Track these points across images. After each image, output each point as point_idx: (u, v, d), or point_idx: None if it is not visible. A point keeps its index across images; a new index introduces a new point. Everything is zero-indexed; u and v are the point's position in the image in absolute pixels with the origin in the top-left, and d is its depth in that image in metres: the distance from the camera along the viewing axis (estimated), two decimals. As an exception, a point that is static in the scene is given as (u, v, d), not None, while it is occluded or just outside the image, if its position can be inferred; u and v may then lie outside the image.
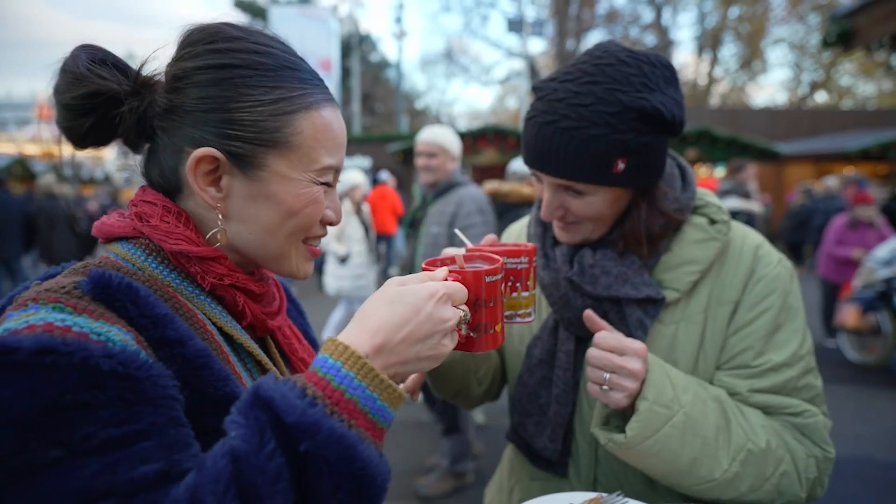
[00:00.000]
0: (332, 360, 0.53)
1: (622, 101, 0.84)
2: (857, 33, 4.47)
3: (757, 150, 14.56)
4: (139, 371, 0.50)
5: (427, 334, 0.57)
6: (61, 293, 0.53)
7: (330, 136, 0.68)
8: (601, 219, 0.93)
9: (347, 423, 0.50)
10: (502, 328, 0.71)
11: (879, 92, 29.96)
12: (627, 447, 0.82)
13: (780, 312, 0.92)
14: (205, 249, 0.65)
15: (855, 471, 3.32)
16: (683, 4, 30.81)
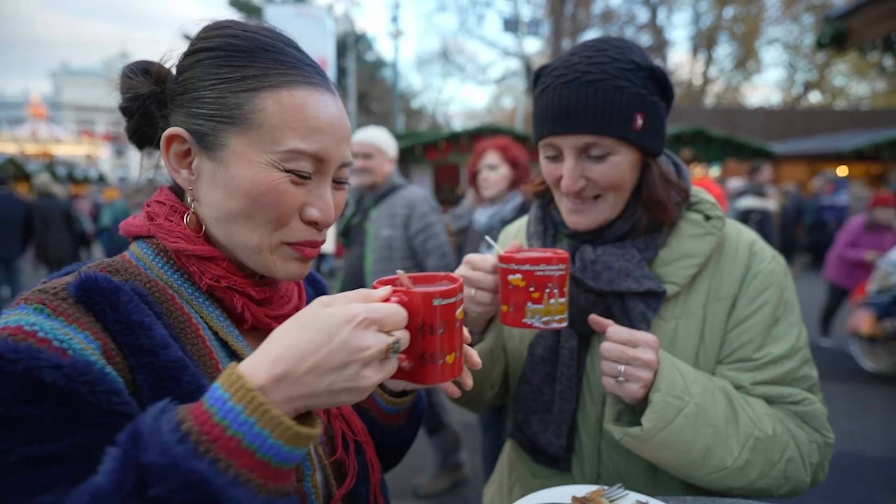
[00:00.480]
0: (221, 390, 0.48)
1: (634, 60, 0.89)
2: (850, 35, 4.50)
3: (752, 149, 14.62)
4: (83, 386, 0.50)
5: (341, 364, 0.49)
6: (48, 294, 0.55)
7: (301, 117, 0.62)
8: (621, 187, 0.93)
9: (224, 463, 0.45)
10: (458, 359, 0.62)
11: (873, 92, 30.18)
12: (644, 439, 0.83)
13: (778, 306, 0.94)
14: (201, 248, 0.65)
15: (847, 466, 3.35)
16: (678, 5, 31.00)
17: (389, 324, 0.54)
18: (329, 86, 0.68)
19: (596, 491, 0.79)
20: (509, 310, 0.87)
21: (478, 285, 0.91)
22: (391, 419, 0.82)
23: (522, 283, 0.84)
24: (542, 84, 0.93)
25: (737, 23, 30.21)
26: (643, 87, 0.88)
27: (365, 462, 0.77)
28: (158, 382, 0.56)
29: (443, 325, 0.59)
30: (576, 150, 0.90)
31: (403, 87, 34.59)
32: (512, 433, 1.13)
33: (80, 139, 25.95)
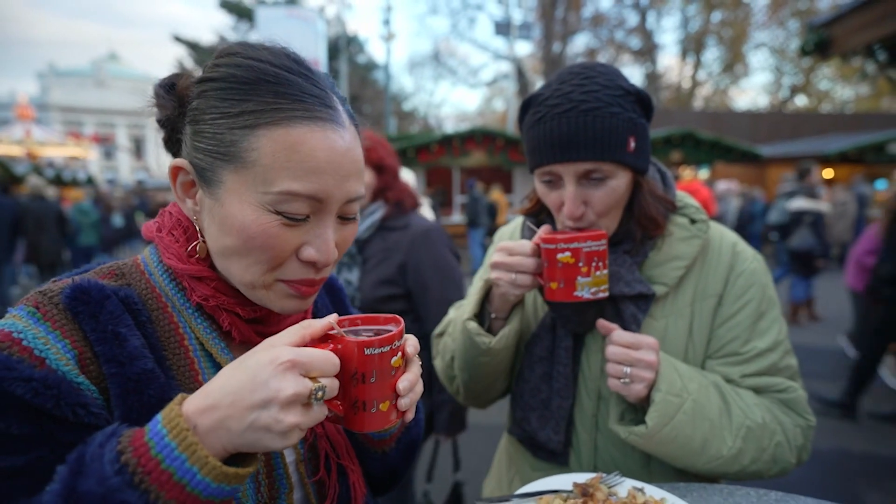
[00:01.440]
0: (160, 425, 0.51)
1: (622, 86, 0.94)
2: (833, 42, 4.62)
3: (739, 152, 14.84)
4: (49, 399, 0.52)
5: (260, 402, 0.50)
6: (44, 297, 0.59)
7: (296, 157, 0.59)
8: (616, 208, 0.98)
9: (154, 494, 0.48)
10: (392, 407, 0.60)
11: (857, 96, 30.70)
12: (649, 436, 0.90)
13: (761, 303, 1.01)
14: (191, 268, 0.67)
15: (834, 461, 3.44)
16: (667, 9, 31.33)
17: (317, 370, 0.53)
18: (337, 117, 0.64)
19: (595, 478, 0.84)
20: (559, 286, 0.93)
21: (519, 269, 0.96)
22: (376, 444, 0.80)
23: (572, 259, 0.91)
24: (535, 113, 0.96)
25: (724, 27, 30.61)
26: (633, 112, 0.94)
27: (348, 486, 0.76)
28: (123, 393, 0.58)
29: (376, 373, 0.58)
30: (576, 177, 0.94)
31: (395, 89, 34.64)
32: (510, 429, 1.18)
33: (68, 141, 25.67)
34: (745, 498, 0.87)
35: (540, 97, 0.96)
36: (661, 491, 0.84)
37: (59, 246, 7.60)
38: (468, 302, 1.12)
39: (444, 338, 1.23)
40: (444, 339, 1.22)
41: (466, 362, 1.09)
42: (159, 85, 0.69)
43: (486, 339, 1.02)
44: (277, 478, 0.68)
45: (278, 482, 0.68)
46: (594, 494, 0.79)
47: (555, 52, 29.55)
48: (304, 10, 20.93)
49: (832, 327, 6.42)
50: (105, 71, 54.14)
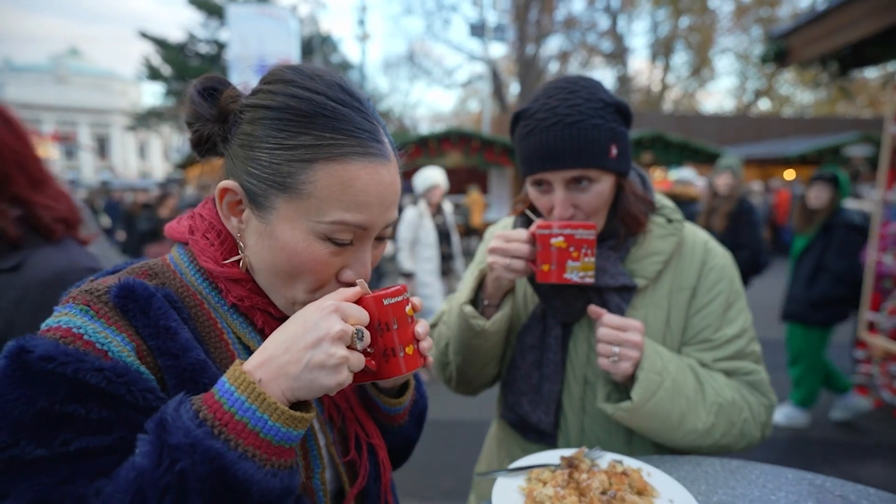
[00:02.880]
0: (228, 384, 0.57)
1: (603, 98, 1.04)
2: (790, 52, 4.89)
3: (707, 154, 15.34)
4: (122, 387, 0.57)
5: (314, 342, 0.58)
6: (93, 296, 0.62)
7: (350, 192, 0.65)
8: (602, 209, 1.09)
9: (234, 442, 0.54)
10: (416, 351, 0.70)
11: (816, 101, 32.01)
12: (634, 411, 0.99)
13: (730, 295, 1.12)
14: (227, 271, 0.71)
15: (792, 448, 3.66)
16: (637, 13, 32.03)
17: (353, 317, 0.62)
18: (385, 151, 0.69)
19: (579, 451, 0.93)
20: (551, 268, 1.02)
21: (514, 254, 1.04)
22: (392, 419, 0.88)
23: (564, 244, 1.00)
24: (525, 126, 1.05)
25: (692, 32, 31.49)
26: (613, 121, 1.04)
27: (377, 463, 0.83)
28: (180, 383, 0.62)
29: (396, 320, 0.67)
30: (564, 183, 1.04)
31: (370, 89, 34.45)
32: (503, 414, 1.26)
33: (28, 139, 24.69)
34: (710, 466, 0.98)
35: (529, 111, 1.06)
36: (637, 461, 0.94)
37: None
38: (463, 289, 1.20)
39: (439, 326, 1.31)
40: (439, 327, 1.30)
41: (461, 345, 1.17)
42: (197, 90, 0.71)
43: (481, 321, 1.11)
44: (311, 459, 0.74)
45: (312, 462, 0.73)
46: (579, 466, 0.88)
47: (528, 53, 29.91)
48: (276, 9, 20.65)
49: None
50: (65, 67, 52.13)
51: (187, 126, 0.73)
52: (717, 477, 0.94)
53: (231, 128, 0.70)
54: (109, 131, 51.98)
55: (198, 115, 0.71)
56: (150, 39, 27.72)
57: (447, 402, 1.26)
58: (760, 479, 0.93)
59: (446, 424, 4.00)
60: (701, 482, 0.92)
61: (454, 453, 3.61)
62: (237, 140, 0.68)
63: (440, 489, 3.20)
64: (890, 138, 3.57)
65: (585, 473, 0.85)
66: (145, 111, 33.06)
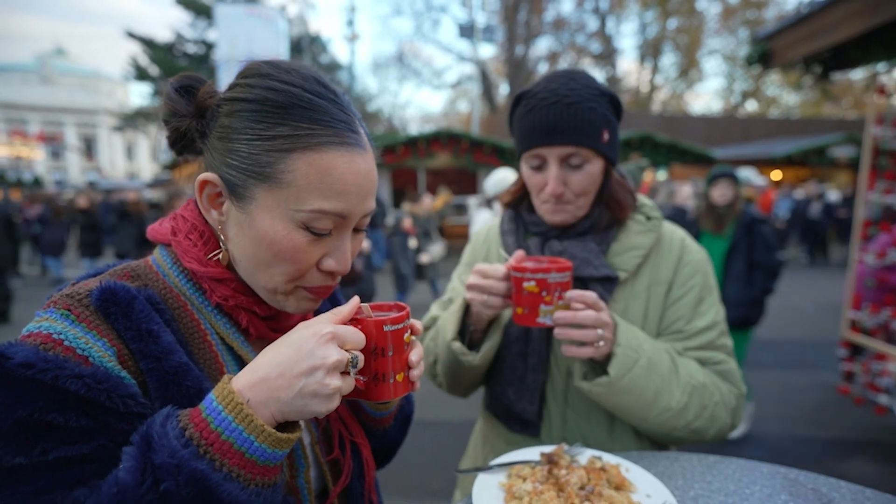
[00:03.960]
0: (216, 402, 0.57)
1: (599, 87, 1.09)
2: (774, 54, 4.97)
3: (694, 155, 15.51)
4: (102, 393, 0.56)
5: (308, 370, 0.57)
6: (73, 300, 0.61)
7: (328, 180, 0.65)
8: (590, 192, 1.13)
9: (219, 462, 0.54)
10: (406, 378, 0.70)
11: (802, 102, 32.48)
12: (610, 385, 1.00)
13: (702, 290, 1.16)
14: (211, 270, 0.71)
15: (776, 446, 3.70)
16: (626, 14, 32.29)
17: (349, 342, 0.62)
18: (361, 140, 0.70)
19: (558, 448, 0.94)
20: (524, 311, 0.99)
21: (490, 292, 1.04)
22: (377, 422, 0.88)
23: (536, 288, 0.97)
24: (526, 105, 1.10)
25: (680, 34, 31.84)
26: (607, 110, 1.09)
27: (361, 461, 0.83)
28: (162, 386, 0.62)
29: (393, 347, 0.67)
30: (559, 159, 1.08)
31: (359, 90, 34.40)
32: (488, 405, 1.28)
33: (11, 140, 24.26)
34: (688, 461, 1.00)
35: (531, 92, 1.11)
36: (616, 458, 0.95)
37: (6, 251, 7.27)
38: (450, 319, 1.16)
39: (427, 342, 1.30)
40: (427, 343, 1.30)
41: (450, 372, 1.18)
42: (174, 88, 0.72)
43: (470, 357, 1.11)
44: (296, 458, 0.74)
45: (297, 462, 0.73)
46: (558, 462, 0.89)
47: (518, 54, 30.05)
48: (264, 9, 20.56)
49: (778, 320, 6.81)
50: (51, 66, 51.48)
51: (164, 124, 0.73)
52: (693, 472, 0.96)
53: (209, 122, 0.70)
54: (96, 132, 51.35)
55: (175, 112, 0.71)
56: (137, 39, 27.47)
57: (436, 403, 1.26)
58: (736, 473, 0.95)
59: (435, 424, 4.01)
60: (678, 477, 0.94)
61: (443, 453, 3.62)
62: (215, 133, 0.69)
63: (429, 489, 3.21)
64: (871, 140, 3.63)
65: (565, 469, 0.87)
66: (133, 112, 32.77)
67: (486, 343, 1.13)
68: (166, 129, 0.73)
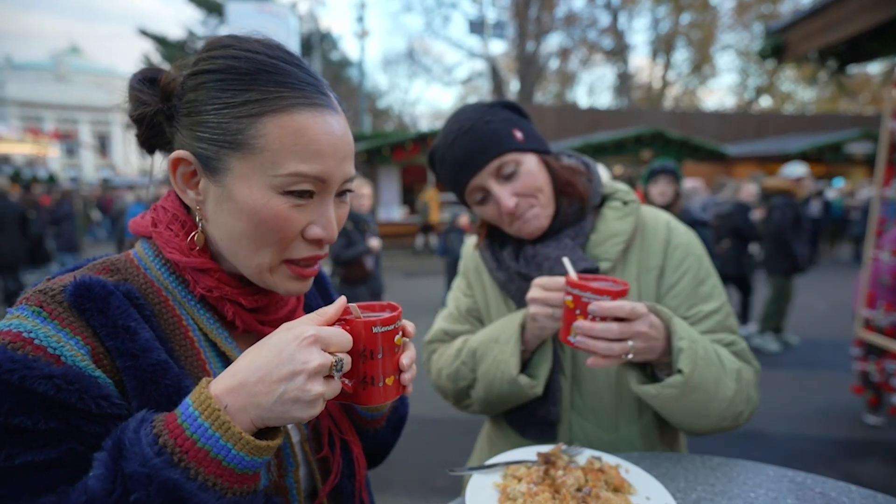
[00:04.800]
0: (192, 408, 0.54)
1: (485, 103, 1.12)
2: (788, 47, 4.86)
3: (707, 151, 15.30)
4: (73, 395, 0.54)
5: (288, 375, 0.54)
6: (46, 296, 0.59)
7: (302, 141, 0.63)
8: (542, 188, 1.09)
9: (194, 471, 0.52)
10: (396, 382, 0.67)
11: (817, 98, 31.92)
12: (685, 384, 0.91)
13: (699, 272, 1.12)
14: (195, 261, 0.68)
15: (789, 447, 3.64)
16: (638, 10, 31.95)
17: (334, 345, 0.58)
18: (331, 103, 0.69)
19: (556, 448, 0.92)
20: (562, 327, 0.95)
21: (556, 304, 0.98)
22: (368, 423, 0.86)
23: (571, 304, 0.91)
24: (439, 160, 1.12)
25: (693, 29, 31.42)
26: (504, 115, 1.10)
27: (351, 459, 0.81)
28: (140, 384, 0.60)
29: (382, 350, 0.64)
30: (494, 177, 1.07)
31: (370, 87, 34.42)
32: (506, 416, 1.21)
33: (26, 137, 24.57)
34: (690, 462, 0.97)
35: (435, 147, 1.13)
36: (616, 458, 0.92)
37: (19, 247, 7.37)
38: (506, 350, 1.07)
39: (457, 366, 1.19)
40: (458, 367, 1.18)
41: (500, 402, 1.12)
42: (137, 79, 0.70)
43: (539, 388, 1.05)
44: (284, 457, 0.72)
45: (285, 461, 0.71)
46: (555, 462, 0.87)
47: (528, 51, 29.85)
48: (275, 6, 20.64)
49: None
50: (66, 65, 52.10)
51: (132, 120, 0.71)
52: (696, 474, 0.93)
53: (175, 104, 0.68)
54: (110, 129, 51.89)
55: (140, 101, 0.69)
56: (150, 37, 27.76)
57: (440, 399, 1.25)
58: (741, 476, 0.92)
59: (440, 422, 4.00)
60: (680, 479, 0.91)
61: (448, 451, 3.60)
62: (183, 110, 0.67)
63: (433, 486, 3.20)
64: (888, 135, 3.54)
65: (561, 470, 0.84)
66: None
67: (541, 366, 1.07)
68: (135, 125, 0.71)
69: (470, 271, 1.30)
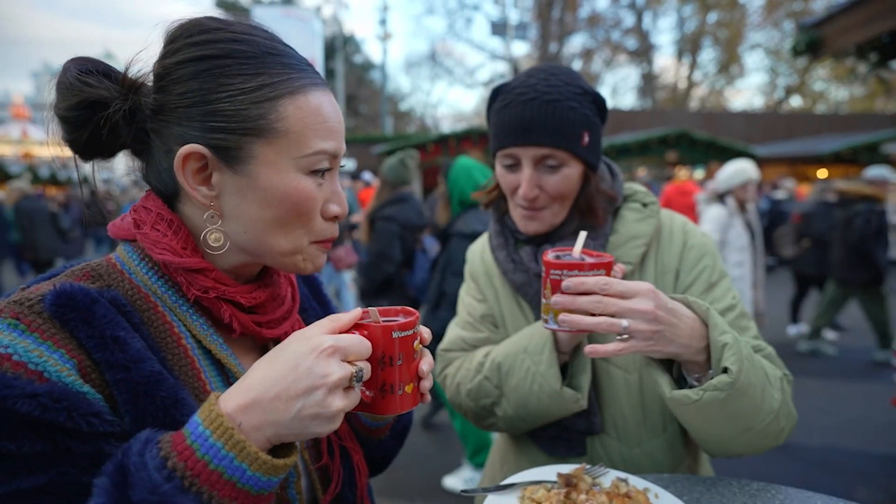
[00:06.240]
0: (202, 426, 0.50)
1: (582, 86, 1.02)
2: (824, 42, 4.66)
3: (735, 152, 14.90)
4: (60, 413, 0.50)
5: (306, 389, 0.51)
6: (23, 307, 0.54)
7: (320, 119, 0.64)
8: (567, 197, 1.04)
9: (207, 495, 0.48)
10: (415, 390, 0.63)
11: (851, 97, 30.86)
12: (733, 385, 0.78)
13: (713, 273, 1.06)
14: (189, 261, 0.64)
15: (823, 459, 3.46)
16: (664, 9, 31.43)
17: (353, 353, 0.55)
18: (326, 83, 0.70)
19: (579, 468, 0.85)
20: None
21: None
22: (372, 433, 0.83)
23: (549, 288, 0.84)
24: (502, 100, 1.03)
25: (720, 28, 30.73)
26: (589, 110, 1.01)
27: (352, 467, 0.78)
28: (133, 398, 0.56)
29: (402, 356, 0.61)
30: (534, 161, 1.00)
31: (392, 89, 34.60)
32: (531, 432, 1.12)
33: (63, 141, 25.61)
34: (727, 488, 0.89)
35: (508, 86, 1.04)
36: (644, 481, 0.85)
37: (55, 243, 7.67)
38: (542, 362, 0.99)
39: (481, 382, 1.09)
40: (481, 383, 1.09)
41: (537, 416, 1.04)
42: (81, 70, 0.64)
43: (583, 402, 0.98)
44: None
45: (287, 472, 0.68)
46: (577, 485, 0.80)
47: (551, 52, 29.62)
48: (300, 10, 20.93)
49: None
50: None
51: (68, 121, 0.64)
52: (733, 500, 0.85)
53: (157, 97, 0.62)
54: (140, 133, 53.39)
55: (91, 97, 0.62)
56: (178, 42, 28.36)
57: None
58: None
59: (445, 426, 3.92)
60: (715, 505, 0.83)
61: (453, 455, 3.54)
62: (180, 101, 0.61)
63: (439, 492, 3.15)
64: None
65: (584, 494, 0.78)
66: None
67: (582, 376, 1.00)
68: (70, 126, 0.64)
69: (479, 275, 1.23)
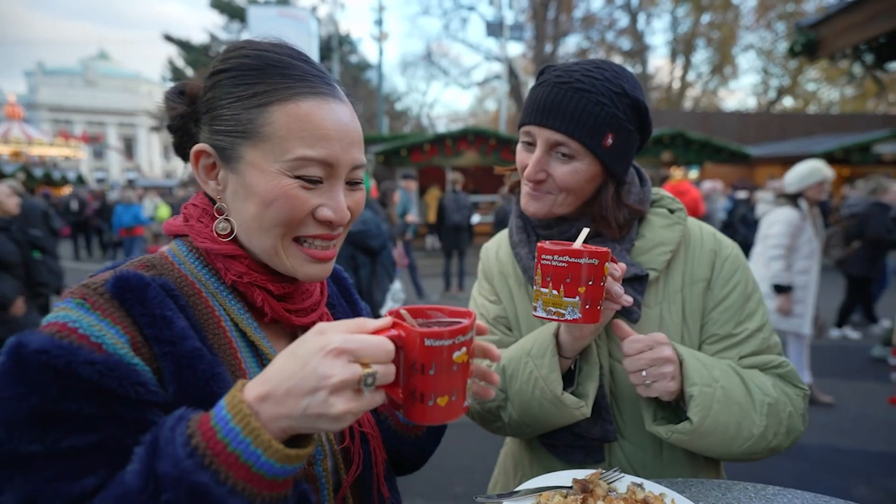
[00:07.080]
0: (225, 410, 0.54)
1: (624, 87, 0.97)
2: (821, 43, 4.68)
3: (728, 152, 14.98)
4: (113, 381, 0.57)
5: (310, 389, 0.52)
6: (89, 290, 0.63)
7: (308, 126, 0.67)
8: (575, 192, 1.00)
9: (224, 475, 0.52)
10: (451, 404, 0.59)
11: (842, 98, 31.08)
12: (694, 431, 0.91)
13: (747, 286, 1.05)
14: (224, 247, 0.72)
15: (822, 458, 3.48)
16: (657, 10, 31.50)
17: (367, 356, 0.54)
18: (337, 93, 0.73)
19: (594, 474, 0.85)
20: None
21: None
22: (408, 430, 0.88)
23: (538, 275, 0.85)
24: (540, 79, 1.02)
25: (713, 29, 30.85)
26: (622, 112, 0.97)
27: (368, 451, 0.82)
28: (177, 370, 0.63)
29: (435, 366, 0.57)
30: (547, 145, 0.98)
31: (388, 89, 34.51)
32: (541, 437, 1.12)
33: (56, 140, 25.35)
34: (742, 492, 0.88)
35: (552, 67, 1.02)
36: (659, 486, 0.85)
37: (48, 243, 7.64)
38: (543, 365, 0.99)
39: None
40: None
41: (539, 422, 1.04)
42: (172, 92, 0.77)
43: (586, 410, 0.97)
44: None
45: (315, 450, 0.72)
46: (594, 490, 0.80)
47: (546, 52, 29.61)
48: (296, 10, 20.85)
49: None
50: (95, 70, 53.53)
51: (169, 130, 0.77)
52: (748, 504, 0.84)
53: (198, 106, 0.74)
54: (135, 132, 53.08)
55: (174, 111, 0.75)
56: (174, 42, 28.23)
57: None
58: (798, 507, 0.83)
59: (458, 426, 3.90)
60: (730, 509, 0.83)
61: (467, 456, 3.54)
62: (203, 108, 0.73)
63: (451, 492, 3.14)
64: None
65: (601, 500, 0.77)
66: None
67: (589, 383, 0.99)
68: (172, 134, 0.77)
69: (494, 276, 1.21)
